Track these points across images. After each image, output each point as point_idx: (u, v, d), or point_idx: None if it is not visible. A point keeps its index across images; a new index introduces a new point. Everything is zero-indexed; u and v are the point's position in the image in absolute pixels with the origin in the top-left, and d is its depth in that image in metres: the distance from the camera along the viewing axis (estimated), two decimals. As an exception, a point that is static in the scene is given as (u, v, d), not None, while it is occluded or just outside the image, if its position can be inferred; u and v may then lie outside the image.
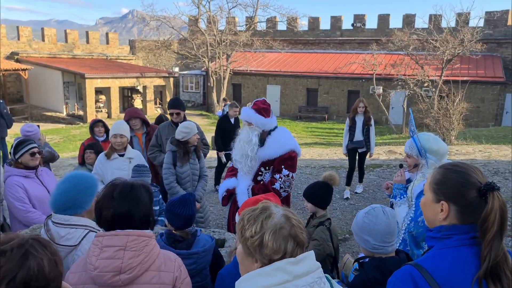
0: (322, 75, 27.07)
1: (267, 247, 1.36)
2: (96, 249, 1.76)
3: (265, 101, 3.73)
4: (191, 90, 31.76)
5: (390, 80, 23.91)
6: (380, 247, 2.11)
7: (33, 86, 23.47)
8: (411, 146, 2.99)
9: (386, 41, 24.60)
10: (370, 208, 2.20)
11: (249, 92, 28.88)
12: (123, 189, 1.85)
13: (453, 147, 13.42)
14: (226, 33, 27.42)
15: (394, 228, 2.14)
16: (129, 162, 4.22)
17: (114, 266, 1.70)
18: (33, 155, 3.63)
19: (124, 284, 1.73)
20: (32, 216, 3.55)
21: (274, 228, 1.38)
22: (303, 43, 31.74)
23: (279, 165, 3.67)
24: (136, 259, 1.73)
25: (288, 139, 3.79)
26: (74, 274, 1.82)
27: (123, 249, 1.73)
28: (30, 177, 3.63)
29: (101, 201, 1.85)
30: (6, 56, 24.08)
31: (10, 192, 3.54)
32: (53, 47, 26.81)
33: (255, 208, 1.46)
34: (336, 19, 31.15)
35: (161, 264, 1.82)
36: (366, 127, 7.18)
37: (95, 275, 1.72)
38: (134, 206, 1.82)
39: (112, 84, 23.56)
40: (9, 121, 10.08)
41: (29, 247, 1.34)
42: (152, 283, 1.77)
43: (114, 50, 30.75)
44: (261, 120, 3.62)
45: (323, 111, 26.83)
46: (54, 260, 1.38)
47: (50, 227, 2.14)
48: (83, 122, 22.05)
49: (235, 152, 3.75)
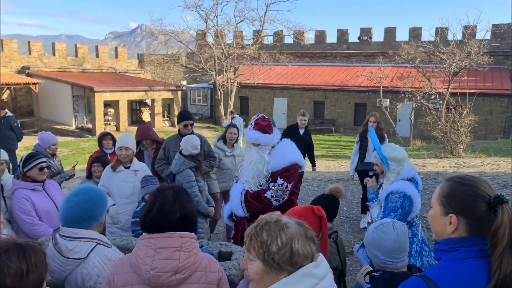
0: (329, 87, 27.15)
1: (298, 256, 1.38)
2: (149, 250, 1.80)
3: (264, 117, 3.69)
4: (198, 103, 32.00)
5: (397, 93, 23.92)
6: (389, 262, 2.11)
7: (43, 99, 23.80)
8: (376, 157, 3.45)
9: (392, 54, 24.67)
10: (380, 223, 2.20)
11: (256, 105, 29.02)
12: (172, 195, 1.93)
13: (462, 160, 13.32)
14: (233, 47, 27.70)
15: (404, 244, 2.14)
16: (135, 174, 4.25)
17: (172, 267, 1.77)
18: (41, 170, 3.67)
19: (178, 283, 1.80)
20: (38, 229, 3.57)
21: (299, 235, 1.41)
22: (309, 56, 31.93)
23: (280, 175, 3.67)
24: (189, 260, 1.82)
25: (292, 152, 3.76)
26: (120, 276, 1.85)
27: (178, 250, 1.80)
28: (37, 190, 3.66)
29: (152, 206, 1.90)
30: (17, 71, 24.51)
31: (17, 205, 3.57)
32: (63, 61, 27.25)
33: (267, 222, 1.45)
34: (342, 32, 31.35)
35: (206, 265, 1.90)
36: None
37: (152, 275, 1.76)
38: (183, 211, 1.91)
39: (121, 98, 23.82)
40: (20, 134, 10.24)
41: (2, 253, 1.33)
42: (200, 283, 1.85)
43: (123, 64, 31.15)
44: (268, 138, 3.61)
45: (330, 123, 26.85)
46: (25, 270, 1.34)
47: (58, 241, 2.14)
48: (91, 135, 22.26)
49: (245, 173, 3.69)
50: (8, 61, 24.27)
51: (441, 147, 16.15)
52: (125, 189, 4.16)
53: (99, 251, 2.12)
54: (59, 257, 2.09)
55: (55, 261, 2.09)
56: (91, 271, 2.07)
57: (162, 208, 1.88)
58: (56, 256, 2.10)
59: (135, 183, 4.22)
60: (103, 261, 2.10)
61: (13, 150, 10.29)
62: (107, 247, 2.18)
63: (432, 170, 11.06)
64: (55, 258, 2.10)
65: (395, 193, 3.19)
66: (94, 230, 2.21)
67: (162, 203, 1.90)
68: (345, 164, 13.34)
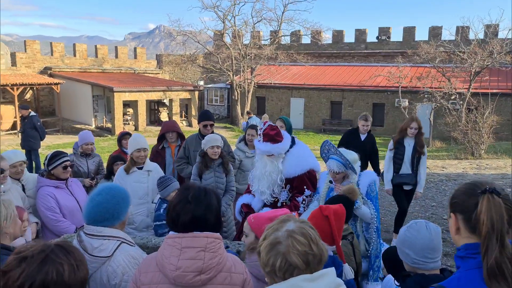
0: (346, 88, 26.96)
1: (260, 258, 1.42)
2: (175, 250, 1.82)
3: (271, 126, 3.58)
4: (215, 103, 32.18)
5: (416, 93, 23.60)
6: (421, 262, 2.07)
7: (64, 99, 24.30)
8: (339, 165, 3.53)
9: (411, 54, 24.35)
10: (413, 222, 2.19)
11: (273, 105, 29.02)
12: (198, 194, 1.94)
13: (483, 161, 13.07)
14: (250, 47, 27.77)
15: (437, 244, 2.10)
16: (148, 175, 4.27)
17: (197, 267, 1.78)
18: (65, 168, 3.79)
19: (203, 284, 1.80)
20: (62, 225, 3.67)
21: (272, 241, 1.42)
22: (327, 56, 31.76)
23: (300, 185, 3.61)
24: (214, 260, 1.82)
25: (307, 157, 3.72)
26: (146, 274, 1.87)
27: (203, 250, 1.81)
28: (61, 187, 3.77)
29: (177, 205, 1.92)
30: (40, 71, 25.09)
31: (41, 202, 3.67)
32: (84, 62, 27.77)
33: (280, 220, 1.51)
34: (360, 32, 31.09)
35: (231, 266, 1.90)
36: (418, 156, 5.42)
37: (177, 275, 1.78)
38: (208, 211, 1.91)
39: (140, 98, 24.14)
40: (42, 133, 10.49)
41: (49, 253, 1.38)
42: (225, 284, 1.84)
43: (142, 64, 31.56)
44: (280, 147, 3.55)
45: (347, 124, 26.64)
46: (76, 265, 1.41)
47: (82, 238, 2.16)
48: (111, 134, 22.62)
49: (261, 184, 3.64)
50: (31, 62, 24.87)
51: (462, 148, 15.87)
52: (138, 190, 4.18)
53: (124, 249, 2.14)
54: (85, 255, 2.09)
55: None
56: (116, 269, 2.09)
57: (187, 207, 1.89)
58: None
59: (149, 184, 4.24)
60: (127, 260, 2.12)
61: (36, 148, 10.55)
62: (130, 246, 2.21)
63: (452, 171, 10.89)
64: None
65: (371, 183, 3.64)
66: (117, 228, 2.23)
67: (187, 202, 1.90)
68: (363, 165, 13.21)
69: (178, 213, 1.90)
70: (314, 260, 1.40)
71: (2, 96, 22.75)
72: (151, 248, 2.98)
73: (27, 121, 10.33)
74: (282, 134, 3.61)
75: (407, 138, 5.44)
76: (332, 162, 3.58)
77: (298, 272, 1.37)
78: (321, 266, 1.43)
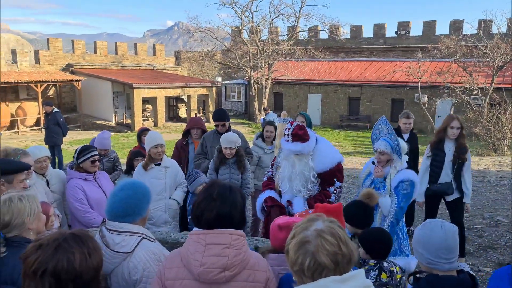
0: (365, 83, 26.69)
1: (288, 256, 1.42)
2: (199, 246, 1.83)
3: (299, 126, 3.62)
4: (233, 99, 32.30)
5: (436, 88, 23.20)
6: (435, 263, 2.01)
7: (85, 96, 24.77)
8: (386, 145, 3.57)
9: (432, 48, 23.94)
10: (427, 221, 2.14)
11: (290, 101, 28.96)
12: (223, 191, 1.94)
13: (506, 158, 12.81)
14: (268, 43, 27.74)
15: (452, 244, 2.02)
16: (165, 171, 4.34)
17: (221, 263, 1.79)
18: (93, 163, 3.93)
19: (227, 280, 1.81)
20: (89, 216, 3.81)
21: (301, 240, 1.41)
22: (345, 51, 31.47)
23: (331, 178, 3.69)
24: (238, 257, 1.82)
25: (334, 152, 3.82)
26: (170, 269, 1.90)
27: (228, 247, 1.82)
28: (89, 180, 3.91)
29: (202, 202, 1.93)
30: (62, 68, 25.64)
31: (70, 194, 3.83)
32: (104, 59, 28.23)
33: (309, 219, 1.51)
34: (379, 27, 30.68)
35: (255, 263, 1.90)
36: (460, 161, 4.62)
37: (202, 271, 1.79)
38: (233, 208, 1.92)
39: (159, 94, 24.42)
40: (65, 129, 10.75)
41: (62, 241, 1.44)
42: (248, 281, 1.85)
43: (161, 61, 31.89)
44: (309, 145, 3.61)
45: (365, 119, 26.41)
46: (88, 253, 1.46)
47: (104, 234, 2.19)
48: (130, 130, 22.98)
49: (295, 184, 3.66)
50: (53, 59, 25.43)
51: (483, 144, 15.57)
52: (156, 186, 4.23)
53: (145, 245, 2.17)
54: (107, 250, 2.13)
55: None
56: (137, 265, 2.11)
57: (212, 205, 1.90)
58: (103, 249, 2.11)
59: (166, 180, 4.31)
60: (148, 255, 2.14)
61: (59, 144, 10.81)
62: (151, 242, 2.24)
63: (474, 168, 10.71)
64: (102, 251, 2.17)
65: (405, 180, 3.55)
66: (138, 224, 2.25)
67: (212, 200, 1.91)
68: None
69: (203, 210, 1.90)
70: (343, 260, 1.39)
71: (26, 93, 23.36)
72: (171, 243, 3.01)
73: (51, 117, 10.60)
74: (308, 132, 3.66)
75: (447, 141, 4.65)
76: (381, 141, 3.64)
77: (327, 272, 1.36)
78: (351, 266, 1.42)
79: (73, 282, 1.42)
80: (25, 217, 2.07)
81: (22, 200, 2.10)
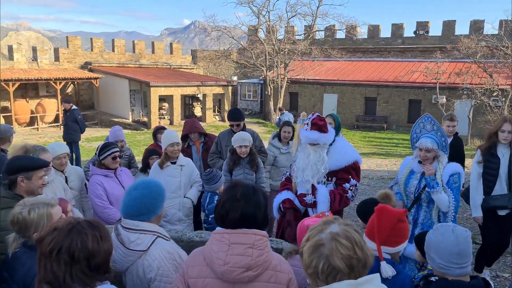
0: (382, 83, 26.41)
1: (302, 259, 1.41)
2: (223, 245, 1.84)
3: (320, 117, 3.70)
4: (248, 98, 32.34)
5: (454, 89, 22.83)
6: (446, 267, 1.98)
7: (103, 93, 25.12)
8: (433, 142, 3.51)
9: (451, 49, 23.54)
10: (439, 225, 2.13)
11: (306, 101, 28.85)
12: (247, 192, 1.96)
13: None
14: (284, 42, 27.69)
15: (465, 250, 1.98)
16: (181, 169, 4.37)
17: (245, 263, 1.80)
18: (114, 159, 4.00)
19: (249, 280, 1.82)
20: (109, 212, 3.89)
21: (315, 243, 1.40)
22: (362, 51, 31.20)
23: (345, 175, 3.74)
24: (262, 258, 1.83)
25: (351, 150, 3.87)
26: (193, 268, 1.92)
27: (251, 247, 1.83)
28: (109, 176, 3.99)
29: (227, 202, 1.95)
30: (80, 66, 26.05)
31: (91, 190, 3.92)
32: (122, 57, 28.58)
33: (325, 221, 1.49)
34: (397, 26, 30.32)
35: (277, 264, 1.90)
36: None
37: (225, 270, 1.80)
38: (257, 208, 1.93)
39: (175, 92, 24.61)
40: (83, 126, 10.91)
41: (76, 224, 1.59)
42: (270, 282, 1.86)
43: (177, 59, 32.12)
44: (326, 137, 3.66)
45: (382, 120, 26.15)
46: (100, 236, 1.59)
47: (120, 231, 2.19)
48: (147, 128, 23.21)
49: (305, 174, 3.71)
50: (72, 57, 25.86)
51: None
52: (171, 184, 4.25)
53: (160, 244, 2.17)
54: (122, 248, 2.15)
55: (118, 251, 2.15)
56: (152, 263, 2.12)
57: (237, 205, 1.91)
58: (118, 246, 2.15)
59: (181, 178, 4.34)
60: (163, 254, 2.14)
61: (77, 141, 10.98)
62: (166, 240, 2.24)
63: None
64: (118, 249, 2.15)
65: (455, 174, 3.53)
66: (153, 222, 2.26)
67: (236, 200, 1.92)
68: (398, 163, 12.97)
69: (228, 210, 1.91)
70: (358, 265, 1.37)
71: (46, 90, 23.81)
72: (186, 241, 3.01)
73: (69, 114, 10.77)
74: (328, 126, 3.74)
75: (499, 146, 4.11)
76: (426, 139, 3.55)
77: (342, 276, 1.35)
78: (366, 271, 1.40)
79: (86, 261, 1.54)
80: (31, 232, 2.12)
81: (30, 213, 2.13)
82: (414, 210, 3.69)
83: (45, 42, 37.50)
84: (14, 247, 2.15)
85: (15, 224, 2.12)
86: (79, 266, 1.52)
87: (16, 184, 2.73)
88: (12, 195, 2.69)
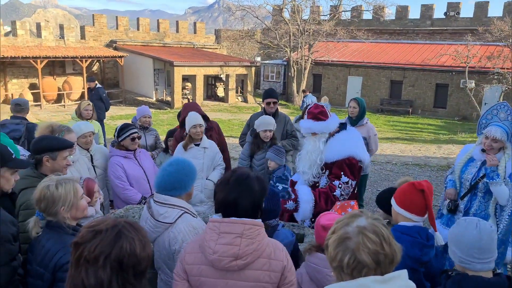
0: (408, 66, 25.73)
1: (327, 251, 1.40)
2: (214, 234, 1.89)
3: (317, 105, 3.56)
4: (271, 79, 32.10)
5: (484, 74, 22.05)
6: (467, 262, 1.96)
7: (127, 72, 25.38)
8: (502, 133, 3.31)
9: (483, 31, 22.68)
10: (462, 219, 2.09)
11: (330, 83, 28.45)
12: (239, 177, 1.96)
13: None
14: (309, 23, 27.19)
15: (487, 245, 1.95)
16: (204, 151, 4.39)
17: (232, 252, 1.83)
18: (133, 140, 4.04)
19: (239, 269, 1.86)
20: (128, 193, 3.95)
21: (341, 236, 1.38)
22: (389, 33, 30.38)
23: (337, 171, 3.49)
24: (251, 247, 1.85)
25: (351, 144, 3.54)
26: (190, 255, 1.97)
27: (240, 237, 1.85)
28: (129, 157, 4.04)
29: (219, 185, 1.99)
30: (105, 44, 26.32)
31: (111, 171, 3.98)
32: (146, 35, 28.70)
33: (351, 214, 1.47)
34: (427, 7, 29.31)
35: (271, 252, 1.92)
36: None
37: (214, 259, 1.85)
38: (244, 194, 1.91)
39: (198, 72, 24.64)
40: (107, 104, 11.09)
41: (121, 228, 1.47)
42: (263, 270, 1.88)
43: (201, 39, 32.04)
44: (322, 125, 3.48)
45: (407, 104, 25.59)
46: (145, 242, 1.49)
47: (151, 205, 2.34)
48: (170, 107, 23.42)
49: (302, 164, 3.61)
50: (98, 35, 26.12)
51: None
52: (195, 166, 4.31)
53: (186, 218, 2.29)
54: (151, 220, 2.30)
55: (148, 223, 2.32)
56: (177, 235, 2.24)
57: (223, 188, 1.94)
58: (149, 218, 2.32)
59: (204, 160, 4.37)
60: (188, 229, 2.26)
61: (102, 119, 11.17)
62: (193, 217, 2.35)
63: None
64: (148, 220, 2.32)
65: None
66: (183, 199, 2.38)
67: (226, 184, 1.95)
68: (422, 149, 12.74)
69: (216, 191, 1.99)
70: (385, 260, 1.34)
71: (72, 68, 24.22)
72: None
73: (94, 92, 10.94)
74: (328, 114, 3.53)
75: None
76: (496, 127, 3.33)
77: (368, 271, 1.33)
78: (393, 267, 1.37)
79: (133, 269, 1.44)
80: (59, 207, 2.14)
81: (58, 188, 2.15)
82: (467, 200, 3.52)
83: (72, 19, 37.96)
84: (36, 231, 2.17)
85: (42, 200, 2.12)
86: (125, 273, 1.43)
87: (42, 164, 2.81)
88: (37, 174, 2.78)
